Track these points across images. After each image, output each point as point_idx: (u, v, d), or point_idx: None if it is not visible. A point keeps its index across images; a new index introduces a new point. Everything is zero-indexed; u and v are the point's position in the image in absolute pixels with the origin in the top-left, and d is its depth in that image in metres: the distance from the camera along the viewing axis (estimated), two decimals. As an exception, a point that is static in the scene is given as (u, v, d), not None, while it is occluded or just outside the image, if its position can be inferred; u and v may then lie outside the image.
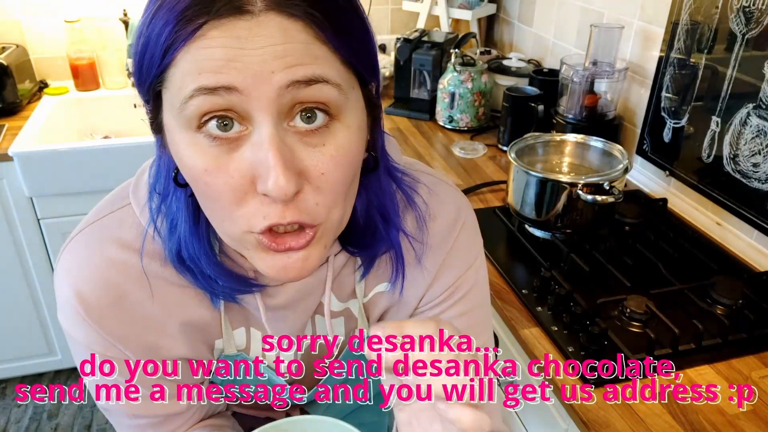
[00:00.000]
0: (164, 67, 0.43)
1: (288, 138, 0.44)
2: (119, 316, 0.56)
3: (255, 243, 0.47)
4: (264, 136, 0.43)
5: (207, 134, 0.44)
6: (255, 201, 0.45)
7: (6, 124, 1.83)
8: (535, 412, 1.03)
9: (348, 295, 0.65)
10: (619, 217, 1.30)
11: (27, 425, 1.96)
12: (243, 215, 0.46)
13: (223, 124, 0.43)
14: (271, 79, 0.41)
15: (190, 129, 0.44)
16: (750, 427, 0.83)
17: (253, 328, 0.64)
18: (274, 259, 0.48)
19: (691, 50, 1.29)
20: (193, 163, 0.45)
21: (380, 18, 2.36)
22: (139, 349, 0.58)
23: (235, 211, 0.46)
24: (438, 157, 1.65)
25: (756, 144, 1.14)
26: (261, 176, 0.43)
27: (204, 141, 0.44)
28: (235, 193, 0.45)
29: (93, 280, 0.55)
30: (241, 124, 0.44)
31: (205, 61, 0.41)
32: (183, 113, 0.43)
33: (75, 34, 2.01)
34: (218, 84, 0.41)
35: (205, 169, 0.44)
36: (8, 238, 1.81)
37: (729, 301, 1.04)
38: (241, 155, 0.44)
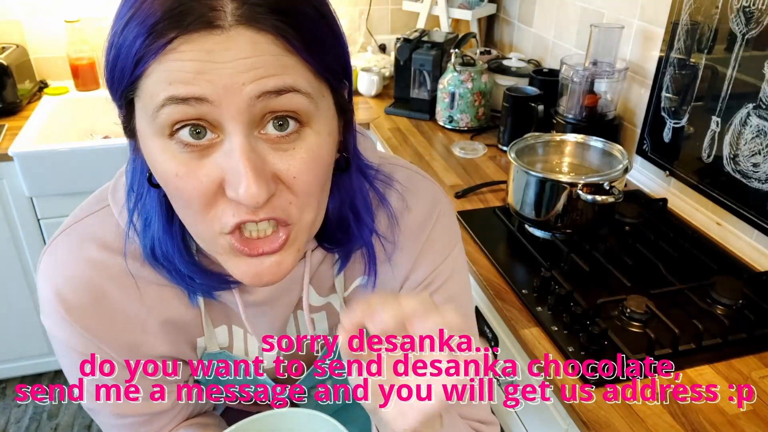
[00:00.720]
0: (136, 77, 0.43)
1: (259, 146, 0.45)
2: (99, 316, 0.57)
3: (227, 247, 0.48)
4: (235, 144, 0.43)
5: (178, 141, 0.44)
6: (223, 203, 0.46)
7: (6, 124, 1.83)
8: (535, 412, 1.03)
9: (328, 289, 0.65)
10: (619, 217, 1.30)
11: (27, 425, 1.96)
12: (213, 216, 0.47)
13: (196, 132, 0.44)
14: (242, 91, 0.42)
15: (162, 136, 0.45)
16: (750, 427, 0.83)
17: (234, 326, 0.64)
18: (248, 265, 0.49)
19: (691, 50, 1.29)
20: (165, 168, 0.46)
21: (380, 18, 2.36)
22: (120, 347, 0.59)
23: (206, 214, 0.47)
24: (438, 157, 1.65)
25: (756, 144, 1.14)
26: (231, 183, 0.44)
27: (175, 147, 0.45)
28: (205, 197, 0.46)
29: (73, 280, 0.56)
30: (213, 132, 0.44)
31: (176, 72, 0.42)
32: (155, 121, 0.44)
33: (75, 34, 2.01)
34: (189, 95, 0.42)
35: (176, 174, 0.45)
36: (8, 238, 1.81)
37: (729, 301, 1.04)
38: (212, 161, 0.45)
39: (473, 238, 1.26)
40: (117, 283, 0.57)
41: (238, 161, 0.43)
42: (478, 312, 1.21)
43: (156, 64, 0.42)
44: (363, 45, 2.34)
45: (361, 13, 2.32)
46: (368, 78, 2.07)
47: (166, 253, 0.54)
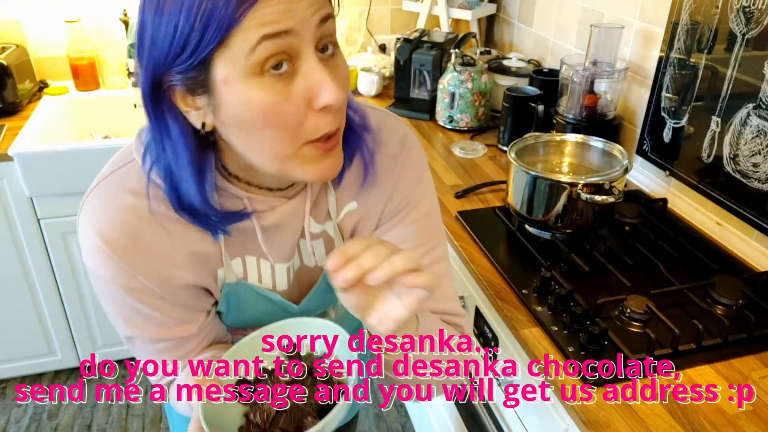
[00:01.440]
0: (230, 30, 0.53)
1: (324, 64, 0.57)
2: (137, 251, 0.66)
3: (308, 155, 0.60)
4: (314, 63, 0.56)
5: (270, 75, 0.55)
6: (311, 119, 0.58)
7: (6, 124, 1.83)
8: (535, 412, 1.03)
9: (324, 216, 0.76)
10: (619, 217, 1.30)
11: (27, 425, 1.96)
12: (302, 133, 0.58)
13: (276, 66, 0.55)
14: (311, 20, 0.55)
15: (255, 74, 0.55)
16: (750, 427, 0.83)
17: (248, 256, 0.74)
18: (321, 165, 0.61)
19: (691, 50, 1.29)
20: (266, 100, 0.56)
21: (380, 18, 2.36)
22: (155, 278, 0.68)
23: (297, 132, 0.58)
24: (438, 157, 1.65)
25: (756, 144, 1.14)
26: (319, 94, 0.56)
27: (269, 80, 0.55)
28: (300, 115, 0.57)
29: (112, 222, 0.65)
30: (289, 63, 0.56)
31: (267, 16, 0.53)
32: (249, 61, 0.54)
33: (75, 34, 2.01)
34: (281, 30, 0.53)
35: (277, 102, 0.56)
36: (8, 238, 1.81)
37: (729, 301, 1.04)
38: (297, 85, 0.56)
39: (473, 238, 1.26)
40: (148, 223, 0.66)
41: (322, 73, 0.56)
42: (478, 312, 1.21)
43: (250, 14, 0.52)
44: (363, 45, 2.34)
45: (361, 13, 2.32)
46: (368, 78, 2.07)
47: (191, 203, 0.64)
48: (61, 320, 2.00)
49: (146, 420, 1.99)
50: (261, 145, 0.60)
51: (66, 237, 1.85)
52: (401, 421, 2.00)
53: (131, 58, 2.06)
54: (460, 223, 1.31)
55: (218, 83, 0.56)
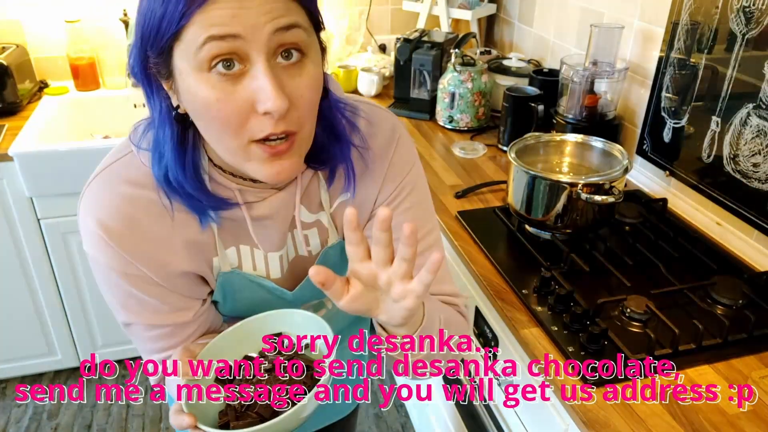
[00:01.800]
0: (180, 27, 0.56)
1: (276, 70, 0.59)
2: (134, 239, 0.69)
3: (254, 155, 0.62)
4: (260, 69, 0.57)
5: (217, 73, 0.57)
6: (255, 121, 0.60)
7: (6, 124, 1.83)
8: (535, 412, 1.03)
9: (317, 206, 0.79)
10: (619, 217, 1.30)
11: (27, 425, 1.96)
12: (246, 131, 0.60)
13: (227, 65, 0.57)
14: (264, 28, 0.56)
15: (202, 71, 0.58)
16: (750, 427, 0.83)
17: (242, 245, 0.76)
18: (270, 167, 0.63)
19: (691, 50, 1.29)
20: (207, 95, 0.58)
21: (380, 18, 2.36)
22: (151, 265, 0.70)
23: (240, 130, 0.60)
24: (438, 157, 1.65)
25: (756, 144, 1.14)
26: (260, 100, 0.58)
27: (215, 78, 0.58)
28: (240, 115, 0.59)
29: (111, 211, 0.68)
30: (240, 64, 0.58)
31: (214, 18, 0.55)
32: (197, 57, 0.57)
33: (75, 34, 2.01)
34: (226, 33, 0.55)
35: (217, 99, 0.58)
36: (8, 238, 1.81)
37: (729, 301, 1.04)
38: (244, 86, 0.58)
39: (473, 238, 1.26)
40: (147, 211, 0.69)
41: (264, 80, 0.57)
42: (478, 312, 1.21)
43: (198, 14, 0.55)
44: (363, 45, 2.34)
45: (361, 13, 2.31)
46: (368, 78, 2.07)
47: (177, 179, 0.67)
48: (61, 320, 2.00)
49: (146, 420, 1.99)
50: (212, 137, 0.64)
51: (66, 237, 1.85)
52: (401, 421, 2.00)
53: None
54: (460, 223, 1.31)
55: (176, 72, 0.60)
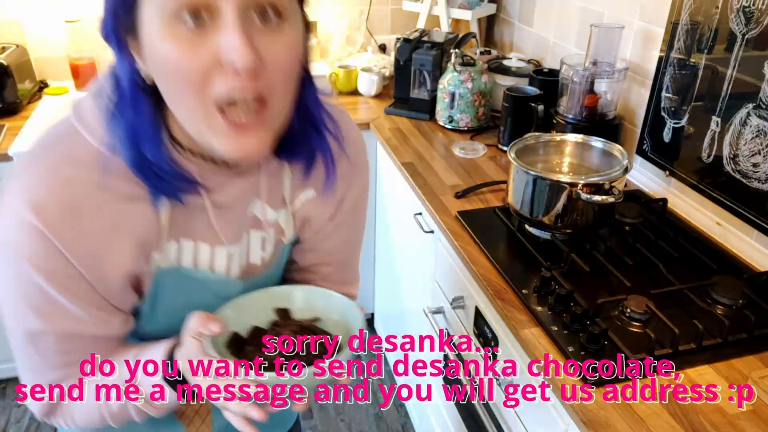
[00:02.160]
0: None
1: (247, 26, 0.54)
2: (74, 228, 0.61)
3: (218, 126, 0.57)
4: (230, 21, 0.53)
5: (183, 25, 0.53)
6: (221, 79, 0.55)
7: (6, 124, 1.83)
8: (535, 412, 1.03)
9: (279, 201, 0.76)
10: (619, 217, 1.30)
11: (27, 425, 1.96)
12: (209, 90, 0.55)
13: (195, 17, 0.53)
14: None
15: (168, 23, 0.53)
16: (750, 427, 0.83)
17: (183, 239, 0.70)
18: (235, 143, 0.58)
19: (691, 50, 1.29)
20: (170, 49, 0.54)
21: (380, 18, 2.36)
22: (87, 259, 0.63)
23: (202, 88, 0.55)
24: (438, 157, 1.65)
25: (756, 144, 1.14)
26: (227, 51, 0.53)
27: (180, 31, 0.54)
28: (203, 70, 0.54)
29: (54, 196, 0.61)
30: (210, 17, 0.54)
31: None
32: (164, 9, 0.53)
33: (75, 34, 2.01)
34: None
35: (181, 52, 0.54)
36: (8, 238, 1.81)
37: (729, 301, 1.04)
38: (211, 40, 0.54)
39: (473, 238, 1.26)
40: (94, 197, 0.62)
41: (233, 31, 0.53)
42: (478, 312, 1.22)
43: None
44: (363, 45, 2.34)
45: (361, 13, 2.32)
46: (368, 78, 2.07)
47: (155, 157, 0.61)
48: (61, 320, 2.00)
49: (146, 420, 1.99)
50: (174, 100, 0.59)
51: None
52: (401, 421, 2.00)
53: None
54: (460, 223, 1.31)
55: (143, 25, 0.56)
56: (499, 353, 1.14)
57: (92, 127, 0.63)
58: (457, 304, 1.32)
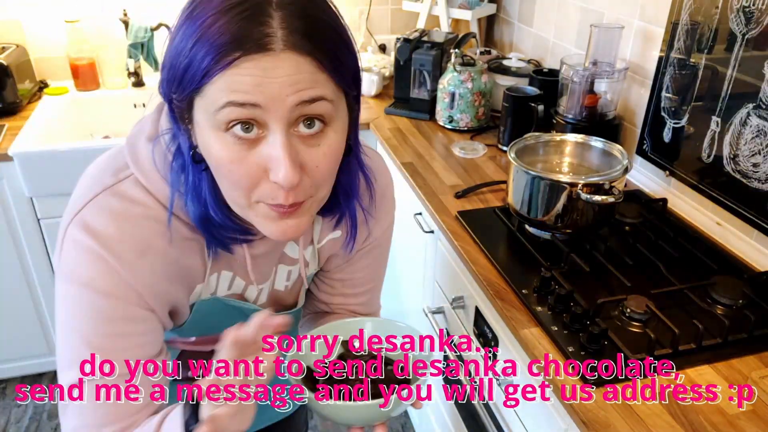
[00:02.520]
0: (203, 84, 0.55)
1: (293, 140, 0.58)
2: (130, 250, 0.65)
3: (263, 212, 0.62)
4: (277, 139, 0.57)
5: (233, 135, 0.57)
6: (266, 185, 0.59)
7: (6, 124, 1.83)
8: (535, 412, 1.03)
9: (308, 242, 0.82)
10: (619, 217, 1.30)
11: (27, 425, 1.96)
12: (257, 193, 0.60)
13: (246, 128, 0.57)
14: (286, 100, 0.55)
15: (219, 130, 0.57)
16: (750, 427, 0.83)
17: (224, 271, 0.76)
18: (277, 225, 0.63)
19: (691, 50, 1.29)
20: (221, 155, 0.58)
21: (380, 18, 2.36)
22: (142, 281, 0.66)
23: (249, 192, 0.60)
24: (438, 157, 1.65)
25: (756, 144, 1.14)
26: (273, 169, 0.57)
27: (230, 139, 0.57)
28: (252, 179, 0.59)
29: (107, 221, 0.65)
30: (259, 129, 0.57)
31: (237, 84, 0.54)
32: (215, 117, 0.56)
33: (75, 34, 2.01)
34: (247, 101, 0.55)
35: (230, 161, 0.58)
36: (8, 238, 1.81)
37: (729, 301, 1.04)
38: (259, 152, 0.58)
39: (473, 238, 1.26)
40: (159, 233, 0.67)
41: (280, 152, 0.56)
42: (478, 312, 1.22)
43: (221, 75, 0.54)
44: (363, 45, 2.34)
45: (361, 13, 2.32)
46: (368, 78, 2.07)
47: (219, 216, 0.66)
48: (61, 320, 2.00)
49: (146, 420, 1.99)
50: (225, 189, 0.63)
51: (66, 237, 1.84)
52: (401, 421, 2.00)
53: (131, 58, 2.06)
54: (460, 223, 1.31)
55: (195, 122, 0.60)
56: (499, 353, 1.14)
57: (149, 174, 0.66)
58: (457, 304, 1.32)
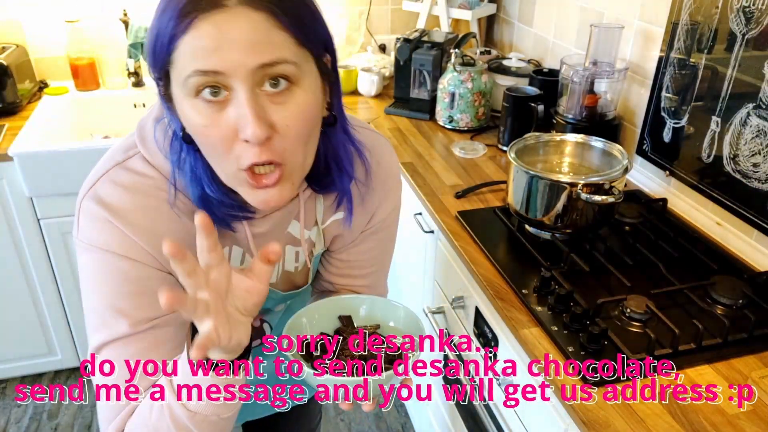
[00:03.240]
0: (171, 51, 0.58)
1: (260, 99, 0.60)
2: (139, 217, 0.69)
3: (244, 181, 0.64)
4: (242, 98, 0.58)
5: (203, 99, 0.59)
6: (239, 146, 0.61)
7: (6, 124, 1.83)
8: (535, 412, 1.03)
9: (312, 223, 0.82)
10: (619, 217, 1.30)
11: (27, 425, 1.96)
12: (232, 157, 0.62)
13: (213, 92, 0.59)
14: (246, 63, 0.57)
15: (191, 97, 0.60)
16: (750, 427, 0.83)
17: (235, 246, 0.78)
18: (257, 194, 0.65)
19: (691, 50, 1.29)
20: (196, 121, 0.61)
21: (380, 18, 2.36)
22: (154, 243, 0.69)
23: (227, 154, 0.62)
24: (438, 157, 1.65)
25: (756, 144, 1.14)
26: (242, 128, 0.59)
27: (201, 104, 0.60)
28: (225, 140, 0.61)
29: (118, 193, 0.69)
30: (226, 91, 0.59)
31: (198, 50, 0.57)
32: (186, 86, 0.59)
33: (75, 34, 2.01)
34: (209, 69, 0.57)
35: (204, 125, 0.60)
36: (8, 238, 1.81)
37: (729, 301, 1.04)
38: (227, 113, 0.60)
39: (473, 238, 1.25)
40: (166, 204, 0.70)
41: (244, 109, 0.58)
42: (478, 312, 1.22)
43: (183, 40, 0.57)
44: (363, 45, 2.34)
45: (361, 13, 2.31)
46: (368, 78, 2.07)
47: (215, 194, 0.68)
48: (61, 320, 2.00)
49: (146, 420, 1.99)
50: (209, 158, 0.65)
51: (66, 237, 1.84)
52: (401, 421, 2.00)
53: (131, 58, 2.06)
54: (460, 223, 1.31)
55: (174, 96, 0.63)
56: (499, 353, 1.14)
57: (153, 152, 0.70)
58: (457, 304, 1.32)
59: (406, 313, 0.78)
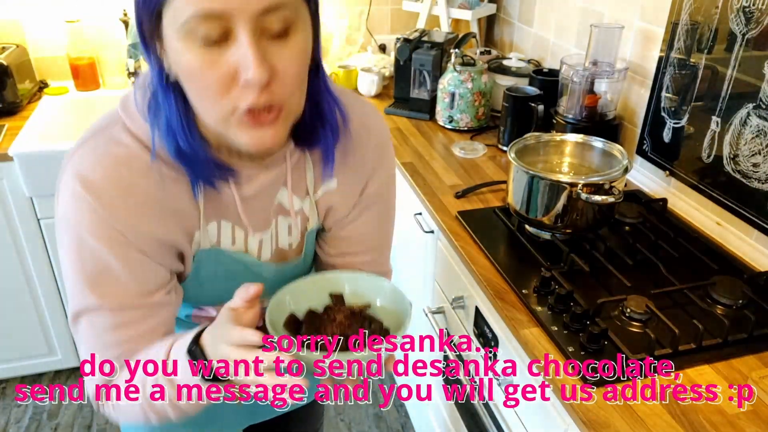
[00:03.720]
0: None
1: (262, 42, 0.60)
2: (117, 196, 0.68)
3: (238, 121, 0.63)
4: (244, 41, 0.58)
5: (202, 41, 0.59)
6: (236, 90, 0.61)
7: (6, 124, 1.83)
8: (535, 412, 1.03)
9: (303, 191, 0.81)
10: (619, 217, 1.30)
11: (27, 425, 1.96)
12: (228, 101, 0.61)
13: (214, 33, 0.58)
14: (248, 8, 0.57)
15: (188, 40, 0.59)
16: (750, 427, 0.83)
17: (223, 221, 0.77)
18: (252, 134, 0.64)
19: (691, 50, 1.29)
20: (192, 64, 0.60)
21: (380, 18, 2.36)
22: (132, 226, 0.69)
23: (221, 97, 0.61)
24: (438, 157, 1.65)
25: (756, 144, 1.14)
26: (243, 70, 0.59)
27: (200, 47, 0.59)
28: (222, 82, 0.60)
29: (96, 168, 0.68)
30: (227, 34, 0.59)
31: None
32: (184, 28, 0.58)
33: (75, 34, 2.01)
34: (210, 12, 0.57)
35: (201, 67, 0.60)
36: (8, 238, 1.81)
37: (729, 301, 1.04)
38: (228, 56, 0.59)
39: (473, 238, 1.26)
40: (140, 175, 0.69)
41: (247, 50, 0.58)
42: (478, 312, 1.22)
43: None
44: (363, 45, 2.34)
45: (361, 13, 2.32)
46: (368, 78, 2.07)
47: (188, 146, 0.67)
48: (61, 320, 2.00)
49: (146, 420, 1.99)
50: (198, 102, 0.64)
51: (66, 237, 1.84)
52: (401, 421, 2.00)
53: (131, 58, 2.06)
54: (460, 223, 1.31)
55: (165, 37, 0.61)
56: (499, 353, 1.14)
57: (134, 117, 0.69)
58: (457, 304, 1.32)
59: (392, 289, 0.77)
